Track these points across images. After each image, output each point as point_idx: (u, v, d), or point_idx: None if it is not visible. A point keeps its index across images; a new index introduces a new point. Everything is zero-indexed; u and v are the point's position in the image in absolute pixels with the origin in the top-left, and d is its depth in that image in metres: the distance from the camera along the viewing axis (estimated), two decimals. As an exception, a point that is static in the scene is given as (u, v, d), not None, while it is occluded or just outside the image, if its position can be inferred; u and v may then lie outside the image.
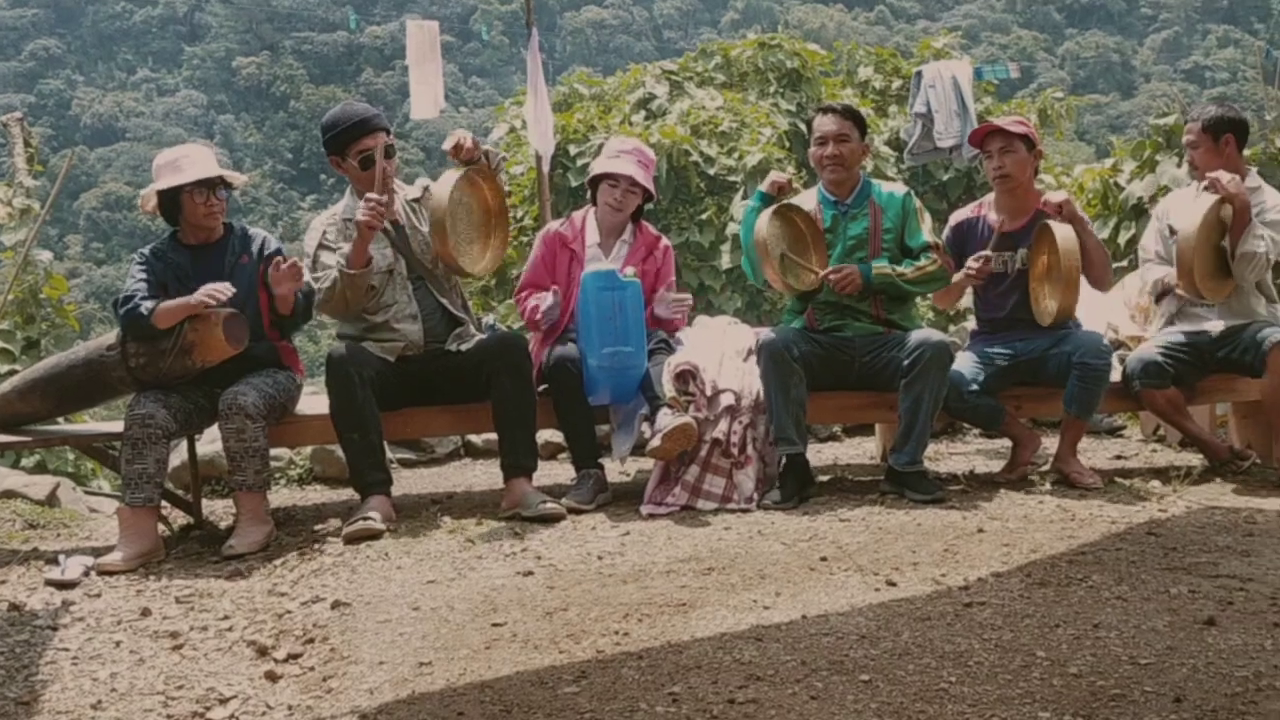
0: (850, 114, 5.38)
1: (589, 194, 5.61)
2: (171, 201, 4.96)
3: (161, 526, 5.00)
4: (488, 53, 78.51)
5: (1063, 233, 5.13)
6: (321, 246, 5.15)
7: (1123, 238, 8.51)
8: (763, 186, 5.35)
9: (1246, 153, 5.78)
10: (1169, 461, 5.76)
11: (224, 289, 4.68)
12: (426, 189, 5.30)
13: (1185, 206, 5.50)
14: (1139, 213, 8.42)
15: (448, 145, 5.10)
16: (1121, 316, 6.54)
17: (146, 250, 5.06)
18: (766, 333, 5.29)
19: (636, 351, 5.07)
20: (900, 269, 5.23)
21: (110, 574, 4.45)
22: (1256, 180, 5.50)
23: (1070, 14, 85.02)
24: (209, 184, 4.91)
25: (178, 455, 5.69)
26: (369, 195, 4.94)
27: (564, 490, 5.17)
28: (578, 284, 5.23)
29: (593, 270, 5.18)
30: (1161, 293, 5.58)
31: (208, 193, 4.91)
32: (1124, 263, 7.54)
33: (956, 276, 5.38)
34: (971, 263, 5.31)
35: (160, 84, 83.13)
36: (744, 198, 11.98)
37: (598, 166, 5.53)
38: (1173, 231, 5.52)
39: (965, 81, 12.11)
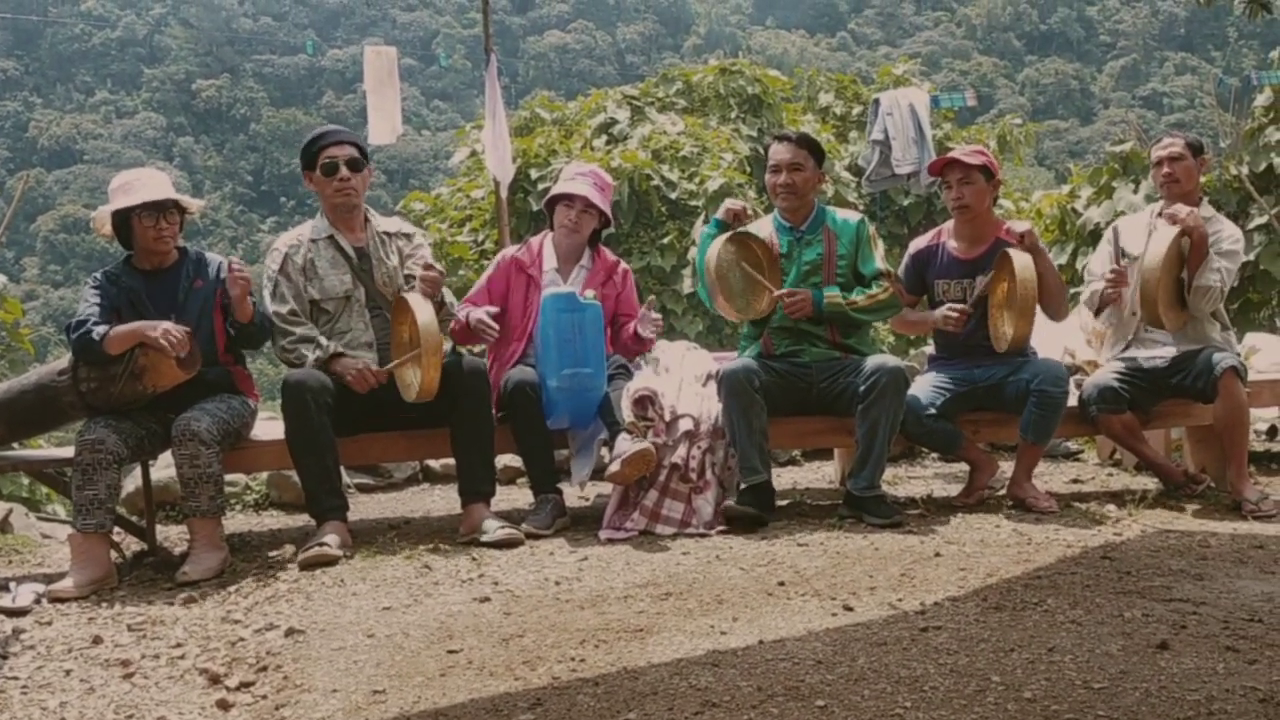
0: (805, 142, 5.40)
1: (548, 219, 5.61)
2: (124, 224, 4.93)
3: (114, 553, 4.94)
4: (450, 76, 78.71)
5: (1021, 261, 5.15)
6: (283, 274, 5.13)
7: (1080, 263, 8.59)
8: (718, 214, 5.37)
9: (1201, 179, 5.86)
10: (1124, 485, 5.79)
11: (180, 339, 4.64)
12: (409, 237, 5.38)
13: (1138, 232, 5.57)
14: (1096, 238, 8.50)
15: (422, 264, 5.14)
16: (1078, 341, 6.59)
17: (100, 274, 5.02)
18: (726, 364, 5.28)
19: (596, 373, 5.07)
20: (852, 297, 5.26)
21: (62, 601, 4.39)
22: (1209, 210, 5.57)
23: (1030, 41, 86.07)
24: (158, 207, 4.88)
25: (131, 481, 5.65)
26: (365, 371, 4.96)
27: (522, 515, 5.15)
28: (535, 309, 5.22)
29: (552, 293, 5.17)
30: (1101, 305, 5.61)
31: (157, 216, 4.88)
32: (1082, 288, 7.60)
33: (934, 316, 5.43)
34: (951, 312, 5.35)
35: (119, 106, 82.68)
36: (705, 222, 12.03)
37: (554, 189, 5.55)
38: (1125, 255, 5.58)
39: (922, 109, 12.28)
